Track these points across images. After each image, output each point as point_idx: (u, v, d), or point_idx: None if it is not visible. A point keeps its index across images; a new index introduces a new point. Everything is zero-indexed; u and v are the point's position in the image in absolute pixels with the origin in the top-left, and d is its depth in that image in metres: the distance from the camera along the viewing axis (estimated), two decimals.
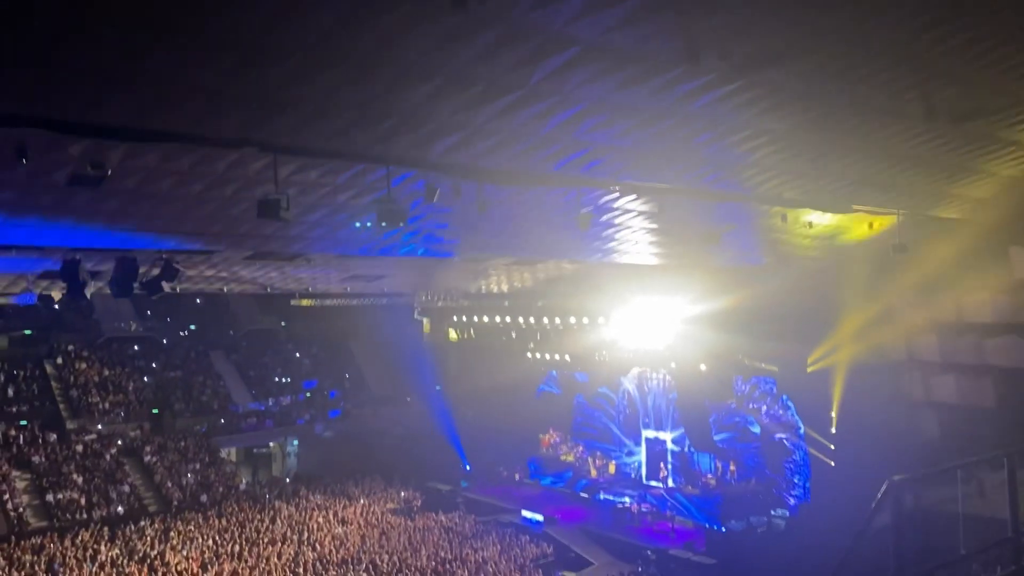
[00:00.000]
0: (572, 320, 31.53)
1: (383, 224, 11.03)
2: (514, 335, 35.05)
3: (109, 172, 9.85)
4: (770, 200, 14.51)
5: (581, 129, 9.96)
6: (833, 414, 25.58)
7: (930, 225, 17.38)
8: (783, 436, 28.40)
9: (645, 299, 28.29)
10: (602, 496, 32.19)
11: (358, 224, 13.80)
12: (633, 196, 13.93)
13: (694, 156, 11.43)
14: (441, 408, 39.87)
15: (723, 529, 27.13)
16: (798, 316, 24.54)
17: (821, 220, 16.85)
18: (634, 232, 16.85)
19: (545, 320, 32.54)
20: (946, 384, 21.88)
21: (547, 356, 35.46)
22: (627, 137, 10.39)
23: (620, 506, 30.39)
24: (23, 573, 22.61)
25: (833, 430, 25.62)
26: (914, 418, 22.17)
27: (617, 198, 13.97)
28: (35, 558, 23.95)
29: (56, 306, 20.83)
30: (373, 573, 22.98)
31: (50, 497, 29.13)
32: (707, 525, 27.69)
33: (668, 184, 12.59)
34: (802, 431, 27.42)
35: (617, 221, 15.71)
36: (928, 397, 22.31)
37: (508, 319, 34.28)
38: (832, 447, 25.65)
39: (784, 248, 19.82)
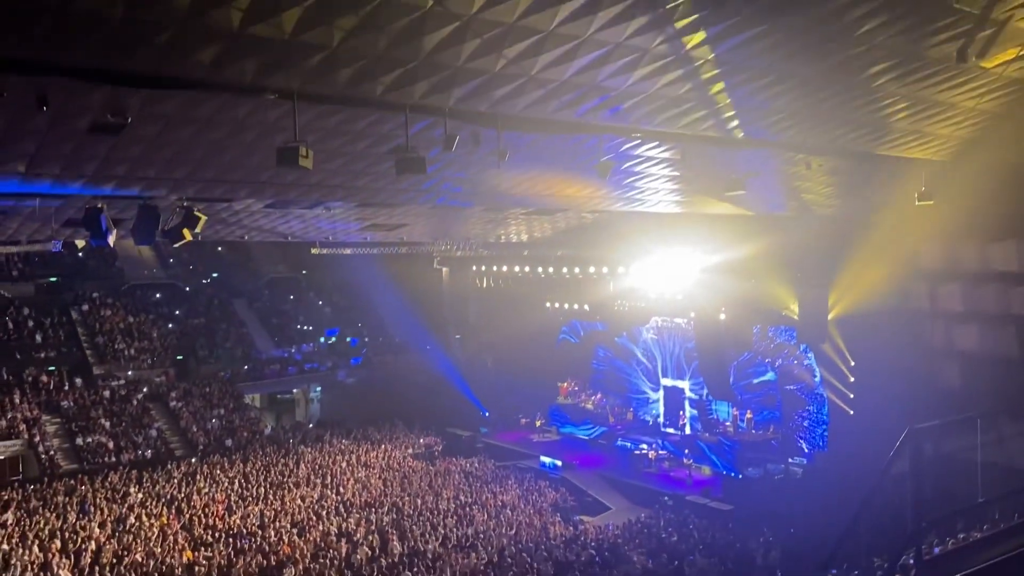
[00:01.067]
0: (591, 270, 31.45)
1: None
2: (533, 285, 35.08)
3: (129, 120, 9.86)
4: (795, 147, 14.30)
5: (603, 75, 9.81)
6: (852, 363, 25.56)
7: (956, 172, 17.06)
8: (801, 385, 28.43)
9: (665, 248, 28.13)
10: (620, 443, 32.54)
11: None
12: (655, 143, 13.76)
13: (718, 102, 11.24)
14: (461, 356, 40.27)
15: (740, 476, 27.37)
16: (820, 264, 24.37)
17: (847, 166, 16.58)
18: (655, 180, 16.69)
19: (564, 270, 32.49)
20: (969, 333, 21.73)
21: (566, 306, 35.53)
22: (650, 82, 10.23)
23: (637, 452, 30.71)
24: (56, 513, 23.28)
25: (852, 379, 25.61)
26: (935, 367, 22.09)
27: (639, 145, 13.81)
28: (67, 499, 24.65)
29: (80, 254, 21.05)
30: (395, 516, 23.45)
31: (79, 441, 29.83)
32: (724, 472, 27.95)
33: (691, 131, 12.41)
34: (821, 380, 27.42)
35: (638, 169, 15.56)
36: (950, 346, 22.19)
37: (527, 269, 34.28)
38: (851, 396, 25.66)
39: (808, 196, 19.59)
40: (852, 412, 25.52)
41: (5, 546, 20.34)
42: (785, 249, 24.06)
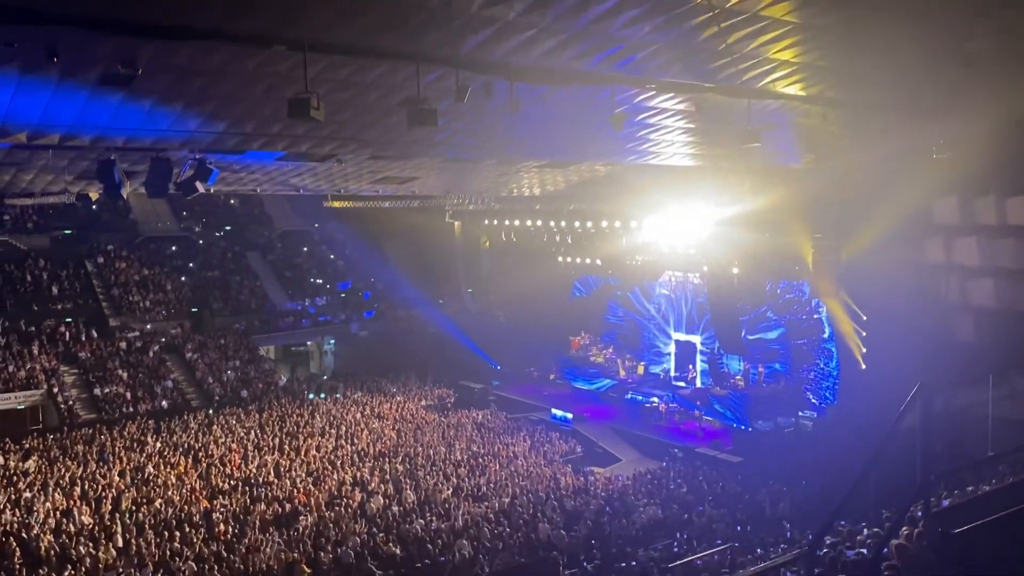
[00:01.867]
0: (604, 224, 31.34)
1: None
2: (545, 239, 35.03)
3: (140, 71, 9.80)
4: (812, 100, 14.08)
5: (617, 24, 9.65)
6: (865, 317, 25.48)
7: (973, 127, 16.79)
8: (813, 339, 28.42)
9: (678, 202, 27.93)
10: (630, 396, 32.75)
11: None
12: (670, 95, 13.58)
13: (734, 53, 11.05)
14: (473, 310, 40.41)
15: (750, 429, 27.55)
16: (834, 218, 24.19)
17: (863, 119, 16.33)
18: (669, 132, 16.50)
19: (577, 224, 32.38)
20: (984, 288, 21.59)
21: (578, 260, 35.50)
22: (665, 32, 10.06)
23: (648, 405, 30.92)
24: (76, 461, 23.76)
25: (864, 333, 25.56)
26: (949, 322, 22.01)
27: (653, 97, 13.63)
28: (87, 448, 25.14)
29: (94, 206, 21.12)
30: (409, 465, 23.81)
31: (97, 391, 30.30)
32: (734, 425, 28.14)
33: (706, 83, 12.23)
34: (832, 334, 27.39)
35: (652, 121, 15.38)
36: (965, 301, 22.07)
37: (540, 223, 34.18)
38: (863, 350, 25.64)
39: (824, 148, 19.34)
40: (864, 366, 25.52)
41: (28, 493, 20.83)
42: (799, 202, 23.85)
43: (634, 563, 16.61)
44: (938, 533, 5.30)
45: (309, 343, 41.77)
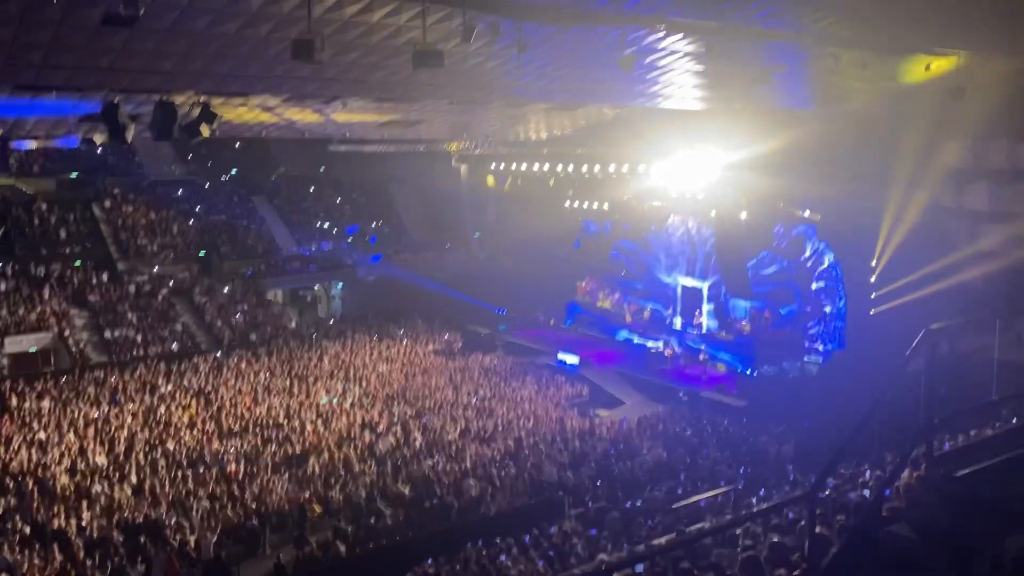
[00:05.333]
0: (612, 168, 31.06)
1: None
2: (552, 183, 34.77)
3: (142, 11, 9.65)
4: (825, 40, 13.81)
5: None
6: (874, 263, 25.39)
7: (988, 70, 16.47)
8: (821, 284, 28.39)
9: (687, 146, 27.64)
10: (636, 340, 32.91)
11: None
12: (680, 35, 13.33)
13: None
14: (480, 255, 40.38)
15: (755, 373, 27.72)
16: (844, 161, 23.92)
17: (876, 61, 16.05)
18: (680, 74, 16.25)
19: (584, 168, 32.10)
20: (994, 234, 21.46)
21: (586, 204, 35.31)
22: None
23: (654, 350, 31.08)
24: (88, 403, 24.11)
25: (873, 279, 25.50)
26: (958, 267, 21.91)
27: (663, 38, 13.39)
28: (98, 390, 25.47)
29: (99, 150, 21.01)
30: (417, 408, 24.10)
31: (108, 334, 30.56)
32: (739, 369, 28.30)
33: (718, 22, 11.99)
34: (841, 279, 27.33)
35: (662, 63, 15.14)
36: (974, 247, 21.96)
37: (547, 167, 33.90)
38: (872, 295, 25.62)
39: (835, 91, 19.05)
40: (872, 312, 25.53)
41: (42, 434, 21.18)
42: (809, 145, 23.55)
43: (638, 503, 16.90)
44: (940, 476, 5.36)
45: (317, 287, 41.89)
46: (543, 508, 17.48)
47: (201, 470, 19.12)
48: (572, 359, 30.37)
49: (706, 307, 32.50)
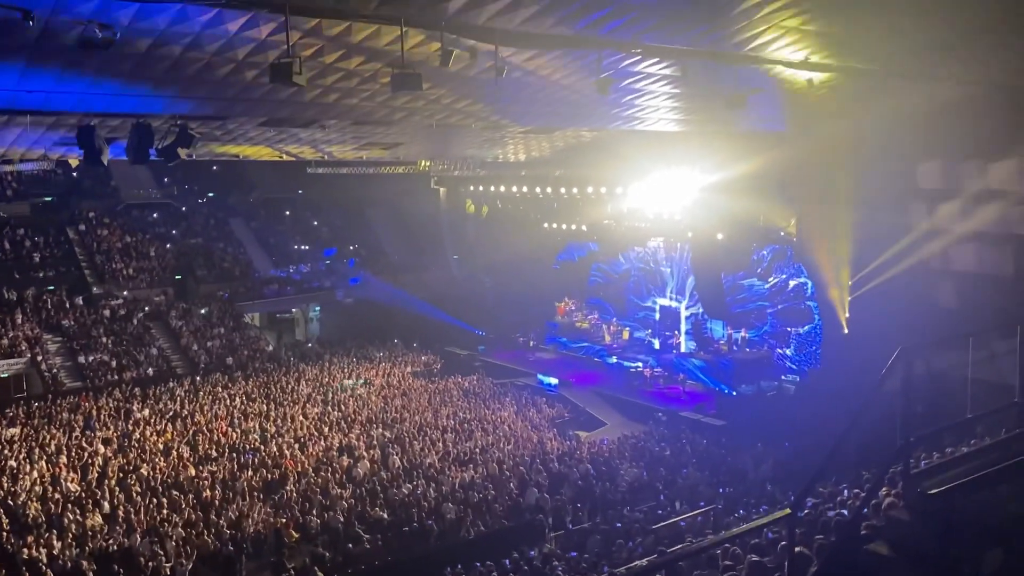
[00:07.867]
0: (589, 190, 31.29)
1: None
2: (531, 205, 34.92)
3: (118, 35, 9.62)
4: (797, 65, 14.03)
5: None
6: (849, 282, 25.65)
7: (961, 91, 16.80)
8: (796, 304, 28.65)
9: (664, 168, 27.91)
10: (615, 361, 32.97)
11: None
12: (656, 59, 13.49)
13: (722, 17, 10.98)
14: (459, 276, 40.35)
15: (733, 393, 27.83)
16: (817, 182, 24.22)
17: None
18: (656, 97, 16.43)
19: (563, 190, 32.30)
20: (966, 252, 21.75)
21: (564, 226, 35.49)
22: None
23: (633, 370, 31.14)
24: (63, 429, 23.73)
25: (848, 298, 25.76)
26: (932, 286, 22.18)
27: (639, 61, 13.54)
28: (72, 416, 25.09)
29: (74, 173, 20.87)
30: (396, 431, 23.92)
31: (82, 359, 30.17)
32: (718, 389, 28.42)
33: (693, 47, 12.15)
34: (816, 298, 27.59)
35: (638, 86, 15.30)
36: (947, 265, 22.24)
37: (525, 189, 34.07)
38: (847, 315, 25.86)
39: (807, 112, 19.31)
40: (847, 331, 25.76)
41: (13, 462, 20.80)
42: (783, 167, 23.86)
43: (618, 524, 16.85)
44: (916, 493, 5.41)
45: (294, 310, 41.67)
46: (523, 531, 17.37)
47: (176, 496, 18.84)
48: (551, 380, 30.35)
49: (684, 328, 32.67)
